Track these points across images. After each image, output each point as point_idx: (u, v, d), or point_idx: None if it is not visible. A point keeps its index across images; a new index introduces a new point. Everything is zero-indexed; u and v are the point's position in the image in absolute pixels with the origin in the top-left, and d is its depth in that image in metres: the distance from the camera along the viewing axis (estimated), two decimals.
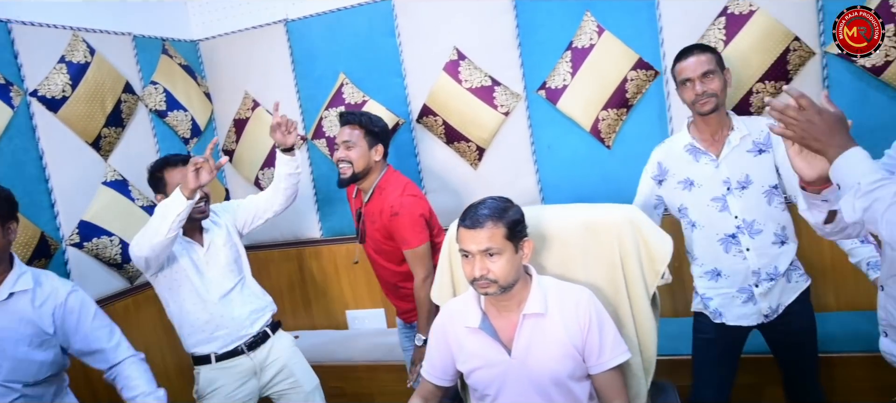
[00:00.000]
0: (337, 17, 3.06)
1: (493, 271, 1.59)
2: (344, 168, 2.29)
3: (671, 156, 2.08)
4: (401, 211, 2.24)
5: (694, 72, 1.94)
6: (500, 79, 2.88)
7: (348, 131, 2.29)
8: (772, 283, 1.97)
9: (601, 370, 1.66)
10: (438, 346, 1.80)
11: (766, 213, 1.95)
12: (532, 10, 2.77)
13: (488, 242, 1.58)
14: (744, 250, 1.97)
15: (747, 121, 2.00)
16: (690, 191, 2.03)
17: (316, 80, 3.17)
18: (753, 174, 1.94)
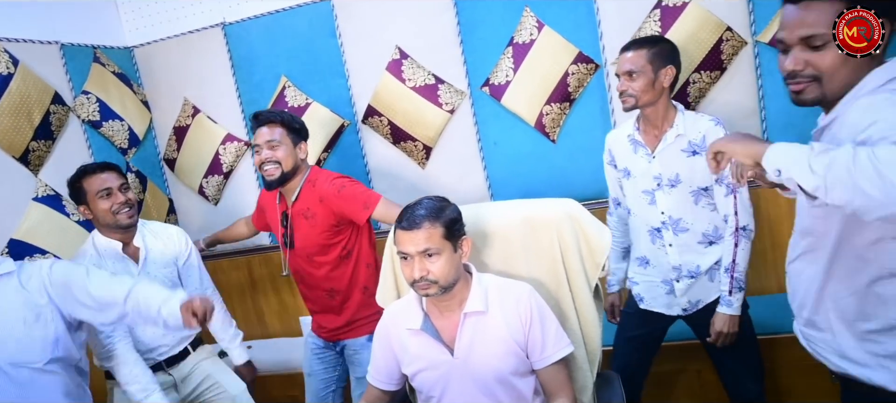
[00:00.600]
0: (276, 19, 3.00)
1: (433, 271, 1.57)
2: (271, 169, 2.14)
3: (617, 143, 2.14)
4: (344, 184, 2.13)
5: (620, 69, 1.97)
6: (443, 77, 2.87)
7: (269, 131, 2.15)
8: (692, 281, 2.03)
9: (545, 364, 1.66)
10: (383, 350, 1.78)
11: (693, 213, 1.99)
12: (472, 6, 2.76)
13: (426, 243, 1.56)
14: (666, 245, 2.02)
15: (689, 120, 1.98)
16: (628, 180, 2.08)
17: (257, 84, 3.10)
18: (683, 174, 1.97)
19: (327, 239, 2.17)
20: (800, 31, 1.18)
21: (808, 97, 1.21)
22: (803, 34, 1.17)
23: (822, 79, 1.18)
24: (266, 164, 2.14)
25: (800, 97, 1.22)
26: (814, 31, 1.16)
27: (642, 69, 1.94)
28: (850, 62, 1.15)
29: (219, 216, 3.31)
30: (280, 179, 2.16)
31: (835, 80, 1.17)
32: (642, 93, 1.95)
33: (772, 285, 2.69)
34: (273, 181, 2.16)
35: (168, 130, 3.29)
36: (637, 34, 2.58)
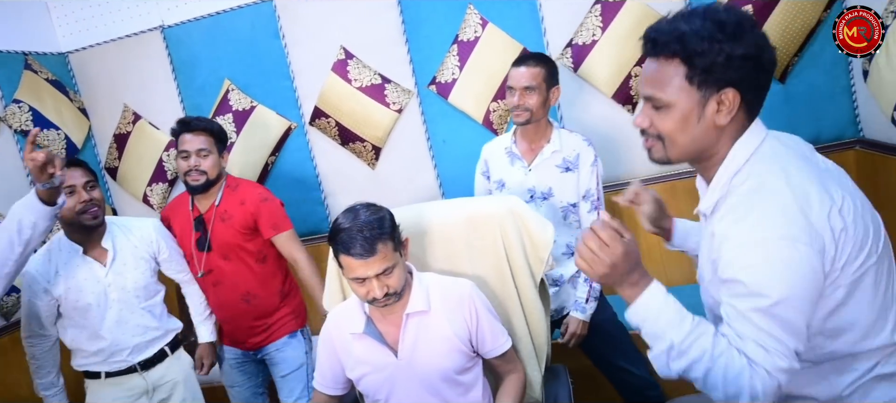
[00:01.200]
0: (217, 20, 2.93)
1: (392, 285, 1.54)
2: (196, 176, 2.16)
3: (493, 155, 2.17)
4: (269, 197, 2.23)
5: (517, 84, 2.00)
6: (390, 77, 2.84)
7: (203, 139, 2.18)
8: (556, 289, 2.10)
9: (497, 354, 1.68)
10: (327, 355, 1.75)
11: (561, 227, 2.05)
12: (416, 5, 2.75)
13: (383, 263, 1.50)
14: None
15: (564, 137, 2.06)
16: (501, 192, 2.11)
17: (199, 88, 3.03)
18: (556, 188, 2.04)
19: (243, 240, 2.20)
20: (646, 90, 1.12)
21: (656, 156, 1.15)
22: (647, 93, 1.11)
23: (665, 141, 1.12)
24: (192, 172, 2.17)
25: (650, 155, 1.17)
26: (654, 93, 1.09)
27: (539, 86, 1.98)
28: (690, 129, 1.09)
29: None
30: (204, 186, 2.19)
31: (677, 146, 1.11)
32: (537, 110, 2.00)
33: None
34: (197, 186, 2.19)
35: (108, 138, 3.19)
36: (579, 30, 2.61)
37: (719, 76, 1.04)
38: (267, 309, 2.26)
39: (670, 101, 1.08)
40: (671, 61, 1.07)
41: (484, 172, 2.22)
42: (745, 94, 1.06)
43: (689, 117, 1.08)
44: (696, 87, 1.06)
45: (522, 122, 2.03)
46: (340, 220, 1.55)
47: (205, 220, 2.23)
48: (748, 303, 1.02)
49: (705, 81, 1.05)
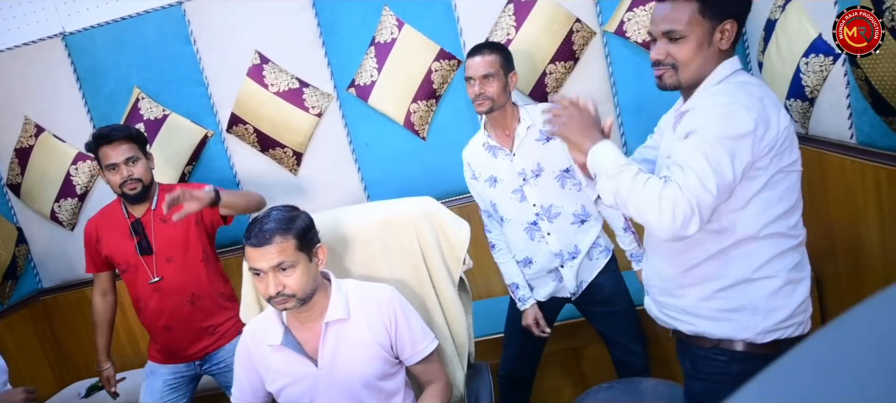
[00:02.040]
0: (122, 26, 2.80)
1: (289, 285, 1.53)
2: (133, 185, 2.14)
3: (475, 156, 2.15)
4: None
5: (476, 73, 2.01)
6: (308, 81, 2.80)
7: (126, 147, 2.14)
8: (574, 262, 2.10)
9: (417, 360, 1.68)
10: (245, 369, 1.71)
11: (562, 196, 2.06)
12: (331, 7, 2.72)
13: (279, 257, 1.51)
14: (545, 235, 2.08)
15: (532, 110, 2.09)
16: (495, 187, 2.10)
17: (107, 97, 2.89)
18: (544, 161, 2.05)
19: (186, 238, 2.19)
20: (662, 26, 1.34)
21: (668, 82, 1.37)
22: (664, 29, 1.34)
23: (679, 67, 1.34)
24: (128, 182, 2.15)
25: (661, 82, 1.39)
26: (672, 27, 1.32)
27: (497, 72, 2.00)
28: (701, 55, 1.32)
29: (77, 242, 3.05)
30: (143, 192, 2.17)
31: (689, 70, 1.34)
32: (498, 96, 2.01)
33: None
34: (136, 195, 2.17)
35: (9, 152, 3.00)
36: (494, 30, 2.65)
37: (724, 9, 1.30)
38: (212, 309, 2.25)
39: (687, 32, 1.31)
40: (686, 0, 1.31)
41: (473, 177, 2.17)
42: (740, 23, 1.33)
43: (702, 45, 1.32)
44: (707, 19, 1.31)
45: (486, 110, 2.02)
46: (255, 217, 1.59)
47: (143, 224, 2.21)
48: (689, 140, 1.25)
49: (714, 14, 1.30)
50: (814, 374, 0.35)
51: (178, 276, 2.20)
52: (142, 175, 2.16)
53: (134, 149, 2.15)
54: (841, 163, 2.05)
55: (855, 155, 2.01)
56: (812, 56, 2.11)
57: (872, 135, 1.96)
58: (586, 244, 2.11)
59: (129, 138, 2.16)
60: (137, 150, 2.17)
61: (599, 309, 2.18)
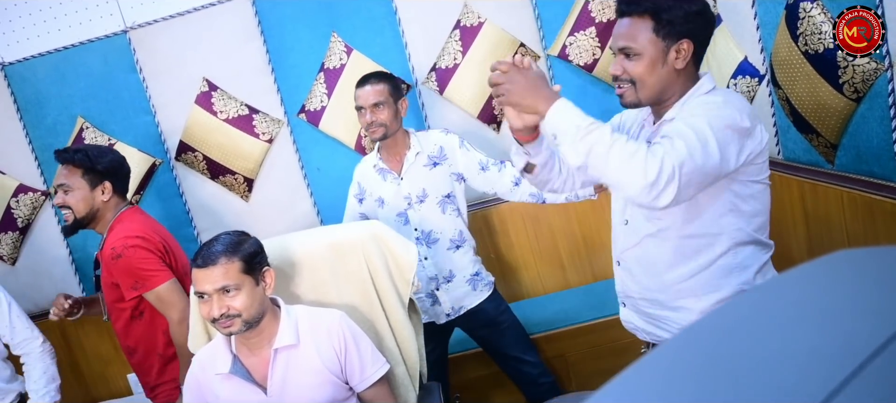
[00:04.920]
0: (65, 56, 2.76)
1: (234, 306, 1.53)
2: (66, 214, 2.01)
3: (366, 176, 2.24)
4: (123, 252, 1.91)
5: (365, 102, 2.09)
6: (257, 107, 2.81)
7: (65, 173, 1.98)
8: (449, 285, 2.20)
9: (367, 385, 1.69)
10: (194, 400, 1.70)
11: (441, 222, 2.16)
12: (280, 34, 2.74)
13: (224, 279, 1.52)
14: (423, 259, 2.17)
15: (422, 137, 2.20)
16: (382, 208, 2.19)
17: (50, 128, 2.83)
18: (429, 187, 2.15)
19: (114, 292, 2.00)
20: (620, 43, 1.36)
21: (628, 100, 1.38)
22: (621, 45, 1.36)
23: (636, 84, 1.35)
24: (61, 209, 2.02)
25: (622, 99, 1.39)
26: (628, 44, 1.34)
27: (387, 100, 2.08)
28: (656, 73, 1.34)
29: (19, 277, 2.97)
30: (74, 225, 2.02)
31: (646, 87, 1.35)
32: (391, 123, 2.10)
33: (588, 277, 2.94)
34: (67, 227, 2.03)
35: None
36: (441, 55, 2.71)
37: (679, 28, 1.32)
38: (147, 369, 2.07)
39: (641, 50, 1.33)
40: (642, 18, 1.33)
41: (357, 194, 2.26)
42: (697, 45, 1.35)
43: (656, 62, 1.33)
44: (661, 38, 1.32)
45: (380, 137, 2.11)
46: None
47: (97, 261, 2.10)
48: (675, 123, 1.26)
49: (668, 33, 1.32)
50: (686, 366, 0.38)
51: (120, 328, 2.07)
52: (72, 204, 1.97)
53: (72, 178, 1.97)
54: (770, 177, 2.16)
55: (782, 170, 2.13)
56: (740, 77, 2.24)
57: (796, 151, 2.08)
58: (460, 268, 2.20)
59: (72, 162, 1.98)
60: (78, 177, 1.97)
61: (485, 331, 2.29)
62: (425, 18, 2.70)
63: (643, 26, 1.33)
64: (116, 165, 2.06)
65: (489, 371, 2.55)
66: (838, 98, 1.74)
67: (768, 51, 2.06)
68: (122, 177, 2.09)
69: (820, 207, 1.96)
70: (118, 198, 2.07)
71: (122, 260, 1.91)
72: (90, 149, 2.06)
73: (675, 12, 1.31)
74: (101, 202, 2.02)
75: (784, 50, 1.88)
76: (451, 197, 2.14)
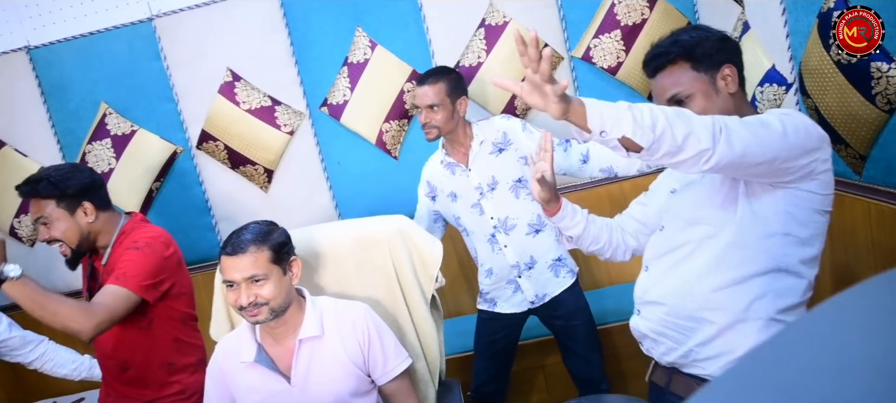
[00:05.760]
0: (90, 42, 2.77)
1: (262, 295, 1.54)
2: (60, 248, 1.78)
3: (435, 174, 2.23)
4: (142, 246, 1.75)
5: (421, 102, 2.09)
6: (280, 98, 2.82)
7: (37, 207, 1.76)
8: (531, 271, 2.16)
9: (388, 379, 1.69)
10: (216, 389, 1.71)
11: (516, 206, 2.13)
12: (304, 27, 2.75)
13: (253, 268, 1.53)
14: (502, 247, 2.14)
15: (484, 126, 2.18)
16: (456, 202, 2.18)
17: (73, 112, 2.85)
18: (498, 173, 2.13)
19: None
20: (668, 94, 1.36)
21: None
22: (670, 95, 1.36)
23: None
24: (51, 244, 1.80)
25: None
26: (675, 91, 1.35)
27: (442, 102, 2.07)
28: (713, 104, 1.34)
29: (37, 258, 2.98)
30: (75, 257, 1.81)
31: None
32: (444, 124, 2.09)
33: (603, 279, 2.93)
34: (69, 261, 1.81)
35: None
36: (465, 52, 2.71)
37: (715, 58, 1.34)
38: (148, 382, 1.86)
39: (691, 90, 1.34)
40: (677, 64, 1.35)
41: (428, 193, 2.26)
42: (738, 67, 1.37)
43: (709, 94, 1.35)
44: (703, 73, 1.34)
45: (433, 138, 2.11)
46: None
47: (96, 271, 1.88)
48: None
49: (708, 66, 1.34)
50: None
51: (111, 338, 1.80)
52: (59, 236, 1.75)
53: (47, 210, 1.74)
54: None
55: None
56: (766, 85, 2.23)
57: None
58: (542, 254, 2.16)
59: (39, 195, 1.75)
60: (53, 209, 1.74)
61: (560, 322, 2.26)
62: (450, 16, 2.71)
63: (681, 70, 1.36)
64: (87, 182, 1.81)
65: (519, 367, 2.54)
66: (870, 109, 1.73)
67: (797, 59, 2.05)
68: (97, 190, 1.83)
69: (846, 219, 1.95)
70: (107, 213, 1.85)
71: (135, 252, 1.74)
72: (52, 174, 1.78)
73: (705, 46, 1.35)
74: (88, 224, 1.79)
75: (815, 59, 1.87)
76: (522, 181, 2.11)
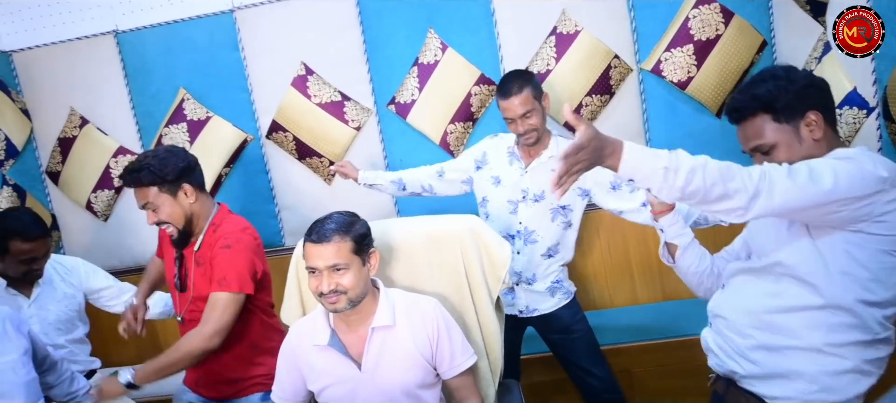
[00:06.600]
0: (173, 29, 2.90)
1: (343, 284, 1.59)
2: (168, 230, 1.92)
3: (496, 150, 2.27)
4: (233, 244, 1.87)
5: (515, 114, 2.09)
6: (350, 94, 2.89)
7: (141, 194, 1.88)
8: (529, 287, 2.23)
9: (454, 374, 1.73)
10: (288, 368, 1.76)
11: (546, 228, 2.18)
12: (378, 26, 2.81)
13: (335, 257, 1.58)
14: (515, 252, 2.19)
15: (561, 144, 2.18)
16: (495, 187, 2.22)
17: (153, 96, 2.98)
18: (548, 191, 2.14)
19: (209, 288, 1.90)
20: (751, 145, 1.42)
21: None
22: (753, 146, 1.42)
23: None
24: (161, 226, 1.93)
25: None
26: (758, 143, 1.40)
27: (534, 106, 2.09)
28: (797, 152, 1.36)
29: (109, 232, 3.13)
30: (181, 237, 1.94)
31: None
32: (541, 124, 2.12)
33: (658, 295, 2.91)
34: (177, 240, 1.94)
35: (51, 141, 3.08)
36: (534, 59, 2.73)
37: (797, 106, 1.36)
38: (233, 364, 1.98)
39: (773, 142, 1.38)
40: (757, 116, 1.39)
41: (477, 159, 2.29)
42: (824, 112, 1.37)
43: (792, 144, 1.37)
44: (785, 123, 1.37)
45: (533, 142, 2.14)
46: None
47: (184, 258, 1.99)
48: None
49: (790, 116, 1.36)
50: None
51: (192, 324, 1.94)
52: (166, 218, 1.88)
53: (151, 195, 1.86)
54: None
55: None
56: (846, 108, 2.19)
57: None
58: (545, 275, 2.22)
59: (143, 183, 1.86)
60: (156, 194, 1.86)
61: (557, 336, 2.29)
62: (522, 21, 2.73)
63: (762, 122, 1.39)
64: (184, 166, 1.91)
65: (554, 377, 2.57)
66: None
67: (882, 83, 2.01)
68: (193, 171, 1.94)
69: None
70: (203, 194, 1.97)
71: (230, 252, 1.86)
72: (151, 162, 1.87)
73: (785, 97, 1.36)
74: (190, 205, 1.92)
75: None
76: (565, 209, 2.15)
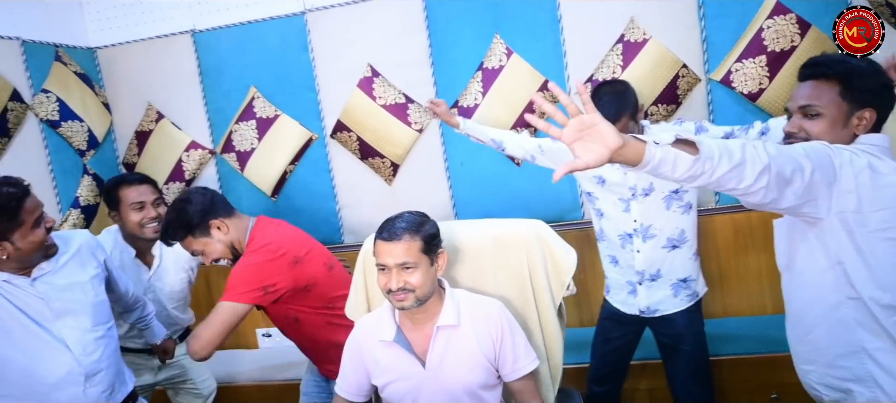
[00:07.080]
0: (247, 29, 3.01)
1: (411, 282, 1.62)
2: (224, 264, 2.01)
3: None
4: (246, 258, 1.91)
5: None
6: (413, 97, 2.93)
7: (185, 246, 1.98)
8: (653, 284, 2.14)
9: (516, 376, 1.73)
10: (353, 362, 1.80)
11: (664, 218, 2.09)
12: (444, 29, 2.85)
13: (405, 256, 1.61)
14: (635, 251, 2.13)
15: (657, 129, 2.14)
16: (602, 186, 2.17)
17: (225, 93, 3.10)
18: (656, 181, 2.08)
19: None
20: (800, 102, 1.41)
21: None
22: (802, 104, 1.40)
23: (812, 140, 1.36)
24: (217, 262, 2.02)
25: None
26: (810, 103, 1.39)
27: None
28: (834, 134, 1.37)
29: None
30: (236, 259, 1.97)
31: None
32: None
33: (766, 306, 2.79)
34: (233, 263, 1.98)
35: (129, 134, 3.24)
36: (600, 67, 2.71)
37: (867, 97, 1.36)
38: (324, 358, 2.12)
39: (824, 110, 1.37)
40: (828, 81, 1.38)
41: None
42: (879, 116, 1.38)
43: (836, 124, 1.37)
44: (846, 102, 1.36)
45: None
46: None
47: None
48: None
49: (855, 99, 1.36)
50: None
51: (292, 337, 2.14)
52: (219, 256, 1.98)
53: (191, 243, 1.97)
54: None
55: None
56: None
57: None
58: (670, 271, 2.13)
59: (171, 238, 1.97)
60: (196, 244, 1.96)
61: (666, 341, 2.21)
62: (588, 28, 2.72)
63: (829, 88, 1.37)
64: (201, 208, 1.93)
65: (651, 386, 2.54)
66: None
67: None
68: (215, 206, 1.96)
69: None
70: (233, 219, 1.98)
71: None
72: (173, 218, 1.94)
73: (866, 81, 1.35)
74: (226, 236, 1.96)
75: None
76: (678, 192, 2.07)
